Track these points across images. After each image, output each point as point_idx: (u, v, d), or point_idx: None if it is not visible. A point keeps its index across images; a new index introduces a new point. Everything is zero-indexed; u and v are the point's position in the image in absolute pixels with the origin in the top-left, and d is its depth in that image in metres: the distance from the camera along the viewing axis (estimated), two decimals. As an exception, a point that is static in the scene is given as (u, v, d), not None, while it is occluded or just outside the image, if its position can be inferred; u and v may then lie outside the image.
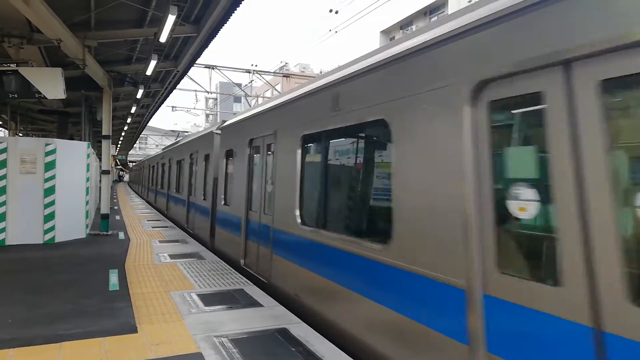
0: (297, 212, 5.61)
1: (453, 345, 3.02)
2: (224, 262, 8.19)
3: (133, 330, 4.51)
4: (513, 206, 2.72)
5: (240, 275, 7.14)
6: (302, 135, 5.62)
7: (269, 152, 6.88)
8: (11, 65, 7.96)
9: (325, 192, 5.31)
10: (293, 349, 4.10)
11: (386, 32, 32.30)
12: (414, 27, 27.57)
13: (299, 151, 5.69)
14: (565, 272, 2.37)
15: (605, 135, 2.23)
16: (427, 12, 27.94)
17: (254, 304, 5.55)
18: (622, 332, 2.11)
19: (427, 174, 3.38)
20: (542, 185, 2.56)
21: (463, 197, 3.00)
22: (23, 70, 7.88)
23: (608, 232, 2.19)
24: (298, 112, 5.85)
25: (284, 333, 4.52)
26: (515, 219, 2.72)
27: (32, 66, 8.32)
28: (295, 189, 5.68)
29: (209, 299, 5.70)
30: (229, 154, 9.14)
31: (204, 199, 10.82)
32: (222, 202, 9.30)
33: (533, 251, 2.71)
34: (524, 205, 2.66)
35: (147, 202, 25.68)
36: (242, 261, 7.70)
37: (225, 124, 9.91)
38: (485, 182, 2.87)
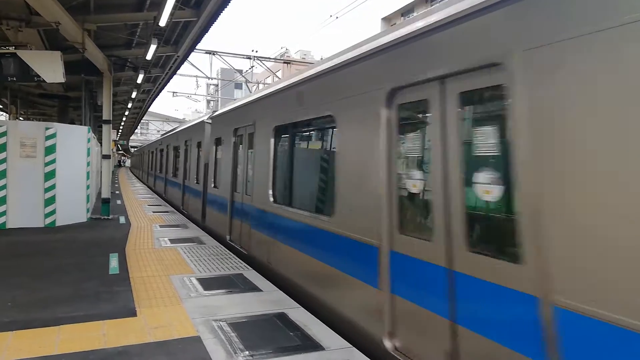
0: None
1: None
2: (223, 247, 8.17)
3: (132, 313, 4.54)
4: None
5: (240, 260, 7.14)
6: None
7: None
8: (10, 48, 7.91)
9: None
10: (291, 333, 4.12)
11: (387, 19, 32.00)
12: (415, 14, 27.33)
13: None
14: None
15: None
16: (427, -1, 27.69)
17: (253, 288, 5.57)
18: None
19: None
20: None
21: None
22: (22, 53, 7.82)
23: None
24: None
25: (282, 318, 4.54)
26: None
27: (31, 49, 8.25)
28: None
29: (208, 283, 5.73)
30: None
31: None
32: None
33: None
34: None
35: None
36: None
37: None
38: None
